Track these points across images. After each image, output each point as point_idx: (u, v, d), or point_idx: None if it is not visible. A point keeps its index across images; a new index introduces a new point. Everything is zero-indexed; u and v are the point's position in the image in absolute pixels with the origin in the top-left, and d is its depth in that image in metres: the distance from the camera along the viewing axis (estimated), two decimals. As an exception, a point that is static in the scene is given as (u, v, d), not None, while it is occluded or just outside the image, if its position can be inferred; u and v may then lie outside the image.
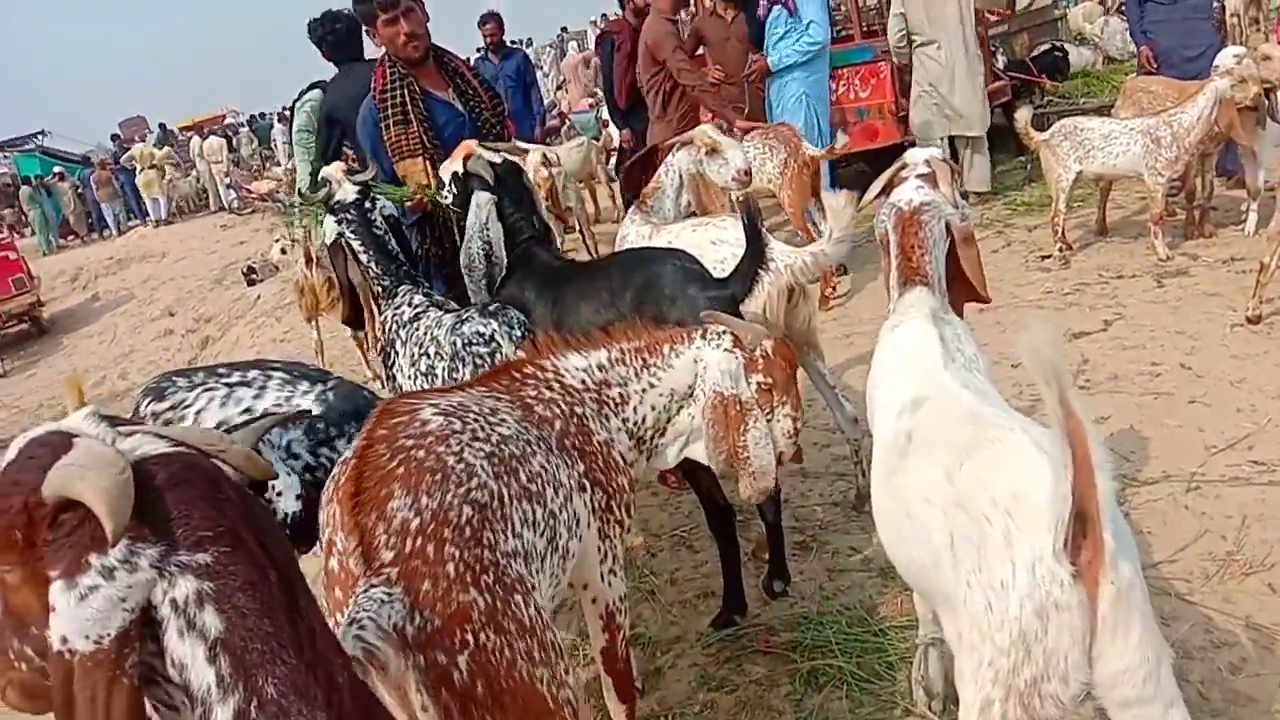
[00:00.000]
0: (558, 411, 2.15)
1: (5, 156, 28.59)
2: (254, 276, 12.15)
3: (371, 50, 4.68)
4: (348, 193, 3.13)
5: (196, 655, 1.19)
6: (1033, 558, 1.46)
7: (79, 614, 1.16)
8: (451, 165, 3.32)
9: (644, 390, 2.28)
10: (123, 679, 1.18)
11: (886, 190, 2.60)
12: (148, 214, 20.98)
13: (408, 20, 3.63)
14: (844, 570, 3.28)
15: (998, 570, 1.50)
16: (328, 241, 3.12)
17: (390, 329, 3.03)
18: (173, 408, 2.42)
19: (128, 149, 21.26)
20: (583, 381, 2.24)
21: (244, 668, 1.18)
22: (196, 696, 1.20)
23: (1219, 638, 2.63)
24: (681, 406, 2.31)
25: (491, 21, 8.29)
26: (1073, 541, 1.41)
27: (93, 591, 1.16)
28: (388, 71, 3.77)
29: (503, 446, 1.91)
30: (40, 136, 27.74)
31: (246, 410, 2.36)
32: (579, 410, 2.19)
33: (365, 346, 3.26)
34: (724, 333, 2.28)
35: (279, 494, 1.84)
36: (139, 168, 20.14)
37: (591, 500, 2.13)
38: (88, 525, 1.18)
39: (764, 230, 2.87)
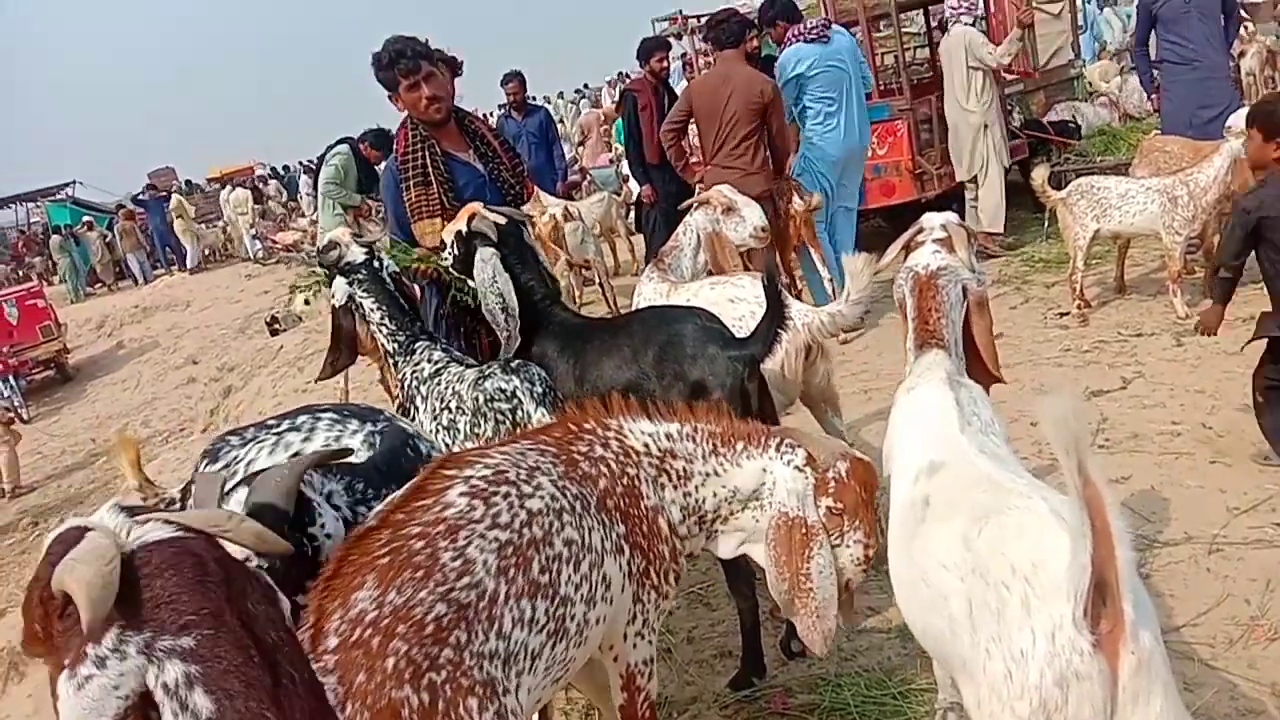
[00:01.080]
0: (605, 470, 2.14)
1: (37, 205, 29.21)
2: (277, 326, 12.27)
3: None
4: (356, 254, 3.19)
5: None
6: (1052, 626, 1.46)
7: (78, 703, 1.21)
8: (454, 226, 3.39)
9: (707, 475, 2.24)
10: None
11: (904, 253, 2.63)
12: (173, 262, 21.33)
13: (429, 85, 3.71)
14: (862, 631, 3.25)
15: (1017, 638, 1.50)
16: (338, 304, 3.16)
17: (410, 385, 3.07)
18: (226, 466, 2.44)
19: (164, 197, 21.62)
20: (645, 445, 2.23)
21: None
22: None
23: (1244, 704, 2.60)
24: (746, 507, 2.26)
25: (514, 80, 8.47)
26: (1092, 611, 1.41)
27: (88, 680, 1.21)
28: (409, 134, 3.86)
29: (524, 530, 1.90)
30: (71, 186, 28.31)
31: (296, 453, 2.40)
32: (631, 472, 2.18)
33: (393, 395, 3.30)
34: (797, 448, 2.23)
35: (329, 536, 1.85)
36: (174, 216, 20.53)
37: (629, 564, 2.13)
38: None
39: (783, 290, 2.91)
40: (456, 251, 3.35)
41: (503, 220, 3.38)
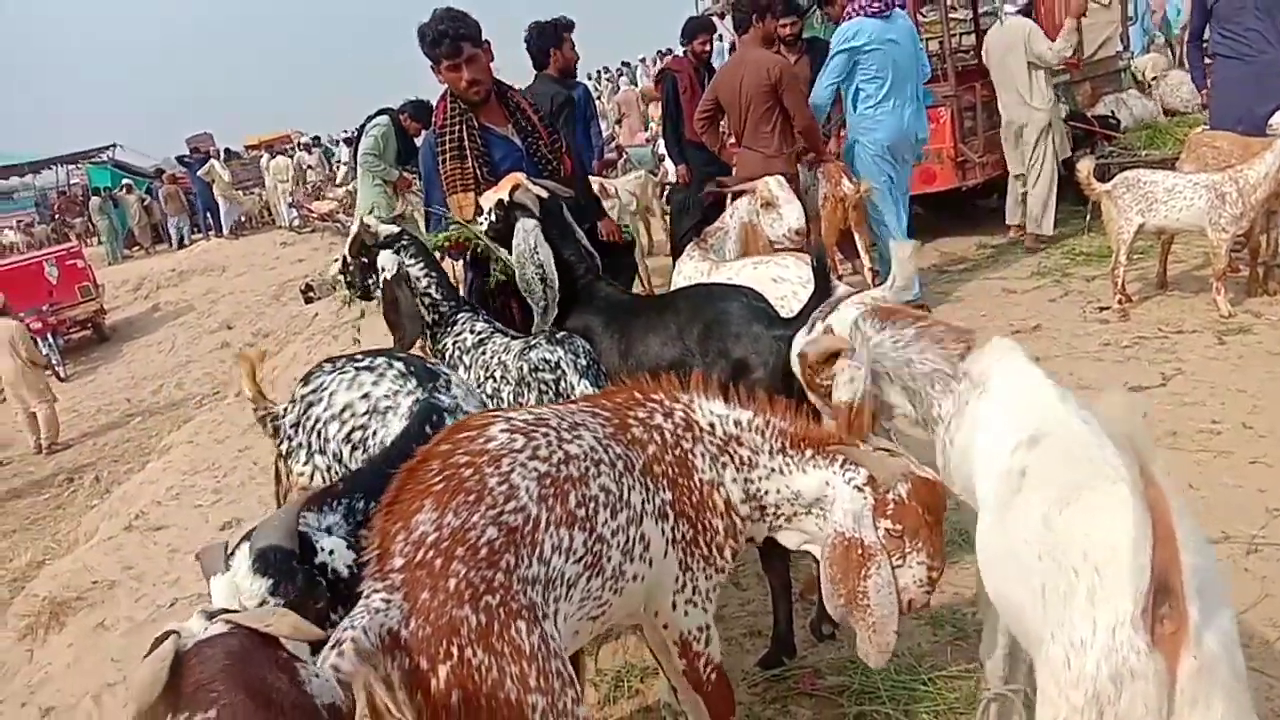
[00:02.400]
0: (656, 438, 2.20)
1: (77, 167, 29.54)
2: (311, 294, 12.33)
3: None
4: (391, 229, 3.23)
5: None
6: (1115, 621, 1.45)
7: None
8: (496, 194, 3.38)
9: (771, 470, 2.26)
10: None
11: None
12: (211, 227, 21.54)
13: (470, 68, 3.71)
14: (893, 616, 3.26)
15: (1079, 626, 1.49)
16: (389, 276, 3.18)
17: (452, 356, 3.09)
18: (314, 390, 2.64)
19: (205, 159, 21.78)
20: (711, 425, 2.26)
21: None
22: None
23: (1279, 705, 2.58)
24: (810, 512, 2.26)
25: (552, 55, 8.43)
26: (1154, 611, 1.40)
27: None
28: (449, 106, 3.86)
29: (562, 467, 1.98)
30: (112, 149, 28.59)
31: (365, 395, 2.55)
32: (686, 445, 2.22)
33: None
34: (860, 468, 2.21)
35: (331, 552, 1.93)
36: (213, 181, 20.71)
37: (673, 530, 2.17)
38: None
39: (831, 273, 2.90)
40: (495, 220, 3.36)
41: (545, 194, 3.39)
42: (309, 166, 22.60)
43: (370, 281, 3.32)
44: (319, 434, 2.59)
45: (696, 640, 2.28)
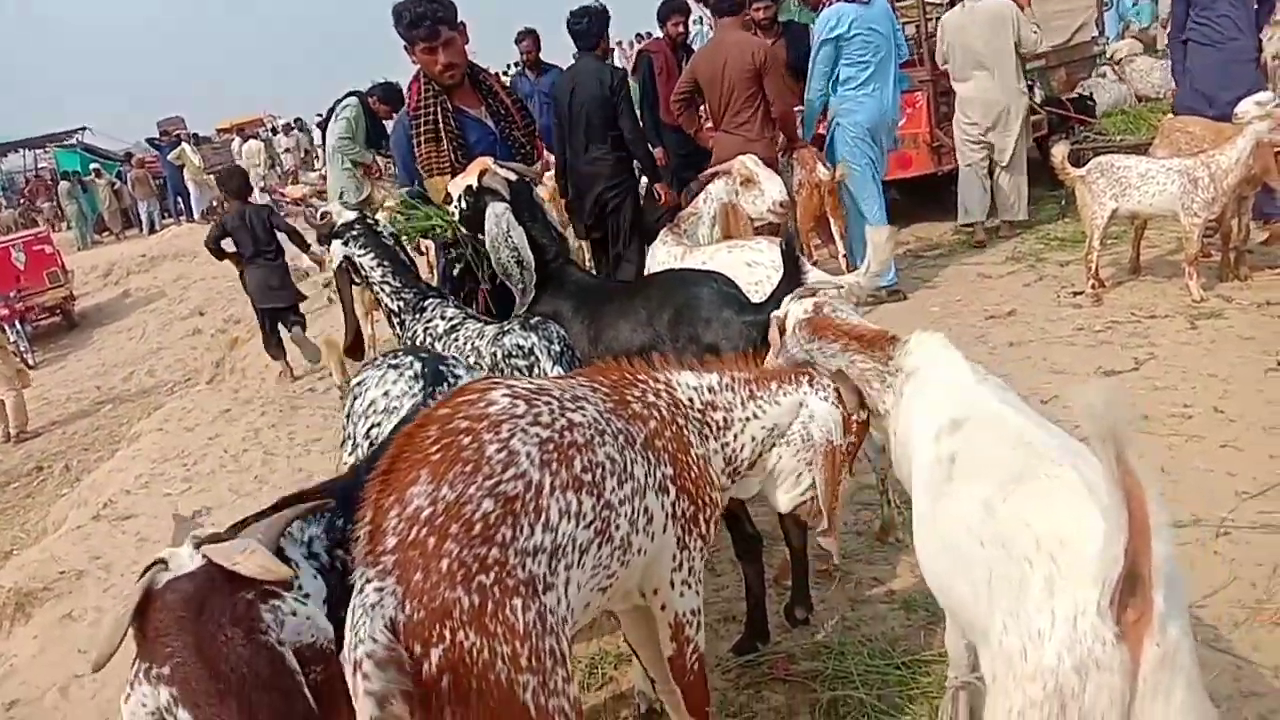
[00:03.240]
0: (656, 414, 2.20)
1: (46, 151, 29.05)
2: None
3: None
4: (346, 215, 3.17)
5: None
6: (1075, 611, 1.43)
7: (125, 713, 1.55)
8: (465, 180, 3.35)
9: (746, 420, 2.31)
10: None
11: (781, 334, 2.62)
12: (181, 212, 21.27)
13: (446, 52, 3.66)
14: (866, 601, 3.26)
15: (1035, 617, 1.47)
16: (334, 266, 3.13)
17: (422, 343, 3.05)
18: (359, 384, 2.66)
19: (176, 142, 21.47)
20: (690, 399, 2.29)
21: None
22: None
23: (1246, 686, 2.60)
24: (775, 445, 2.34)
25: (528, 39, 8.36)
26: (1119, 600, 1.39)
27: (128, 698, 1.54)
28: (422, 88, 3.81)
29: (565, 433, 1.93)
30: (81, 133, 28.14)
31: (385, 393, 2.55)
32: (680, 421, 2.24)
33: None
34: (829, 386, 2.33)
35: (306, 596, 1.81)
36: (184, 165, 20.43)
37: (674, 505, 2.16)
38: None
39: (802, 258, 2.88)
40: (464, 206, 3.32)
41: (514, 176, 3.35)
42: (285, 150, 22.27)
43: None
44: (357, 427, 2.58)
45: (689, 624, 2.27)
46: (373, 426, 2.51)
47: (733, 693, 2.91)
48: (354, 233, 3.13)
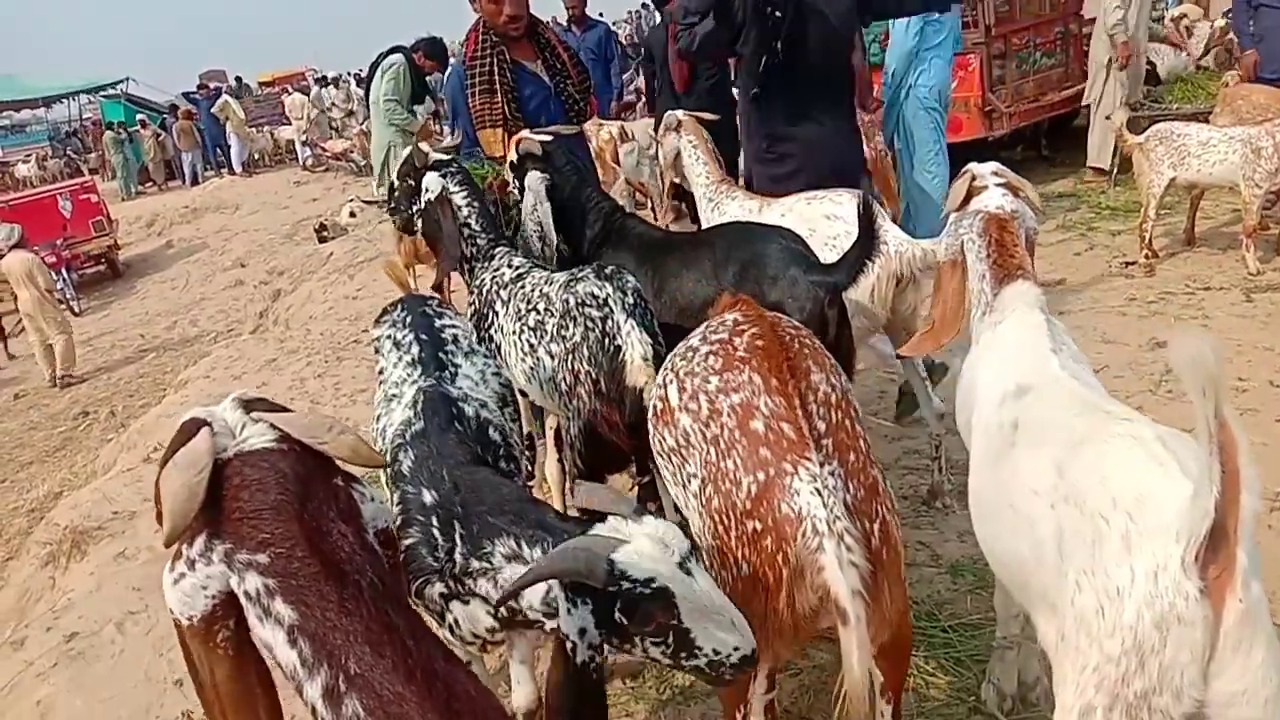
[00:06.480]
0: None
1: (91, 101, 29.28)
2: (325, 234, 12.32)
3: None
4: (437, 156, 3.18)
5: (278, 639, 1.33)
6: (1155, 566, 1.42)
7: (174, 595, 1.38)
8: (508, 157, 3.40)
9: None
10: (217, 650, 1.38)
11: (965, 201, 2.56)
12: (223, 164, 21.41)
13: (513, 4, 3.64)
14: (912, 565, 3.25)
15: (1113, 574, 1.46)
16: (432, 196, 3.12)
17: (489, 290, 3.04)
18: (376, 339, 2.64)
19: (217, 95, 21.56)
20: None
21: (326, 649, 1.30)
22: (287, 673, 1.35)
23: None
24: None
25: (574, -8, 8.26)
26: (1204, 556, 1.37)
27: (181, 578, 1.37)
28: (480, 37, 3.79)
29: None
30: (125, 83, 28.32)
31: (382, 370, 2.54)
32: None
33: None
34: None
35: None
36: (225, 118, 20.52)
37: None
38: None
39: (880, 218, 2.83)
40: (517, 183, 3.35)
41: (549, 139, 3.34)
42: (332, 104, 22.14)
43: (414, 208, 3.26)
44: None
45: None
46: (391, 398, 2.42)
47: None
48: (451, 169, 3.13)
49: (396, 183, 3.31)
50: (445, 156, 3.19)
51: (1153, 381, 4.23)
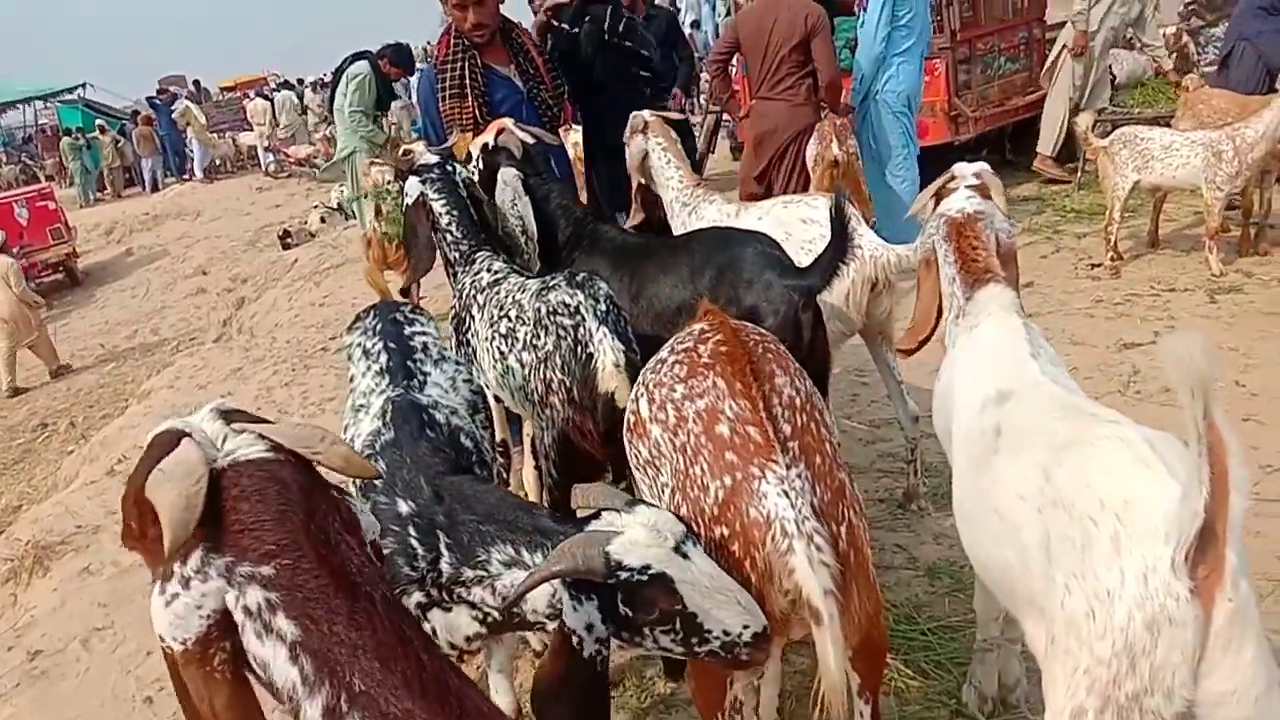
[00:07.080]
0: None
1: (47, 107, 28.74)
2: (289, 240, 12.19)
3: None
4: (429, 158, 3.14)
5: (278, 656, 1.25)
6: (1145, 568, 1.42)
7: (165, 618, 1.26)
8: (482, 139, 3.33)
9: None
10: (215, 675, 1.28)
11: (935, 200, 2.57)
12: (183, 170, 21.12)
13: (476, 11, 3.62)
14: (890, 568, 3.26)
15: (1103, 577, 1.46)
16: (410, 201, 3.09)
17: (468, 294, 3.01)
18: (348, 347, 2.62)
19: (173, 100, 21.28)
20: None
21: (329, 666, 1.23)
22: (283, 693, 1.26)
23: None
24: None
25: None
26: (1194, 556, 1.38)
27: (175, 599, 1.26)
28: (451, 41, 3.77)
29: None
30: (83, 88, 27.84)
31: (352, 379, 2.50)
32: None
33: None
34: None
35: None
36: (186, 124, 20.28)
37: None
38: None
39: (854, 222, 2.83)
40: (480, 167, 3.29)
41: (531, 140, 3.32)
42: (307, 108, 21.87)
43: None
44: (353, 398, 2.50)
45: None
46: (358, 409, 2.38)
47: (758, 655, 2.91)
48: (432, 175, 3.10)
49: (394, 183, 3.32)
50: (434, 160, 3.15)
51: (1121, 382, 4.28)
